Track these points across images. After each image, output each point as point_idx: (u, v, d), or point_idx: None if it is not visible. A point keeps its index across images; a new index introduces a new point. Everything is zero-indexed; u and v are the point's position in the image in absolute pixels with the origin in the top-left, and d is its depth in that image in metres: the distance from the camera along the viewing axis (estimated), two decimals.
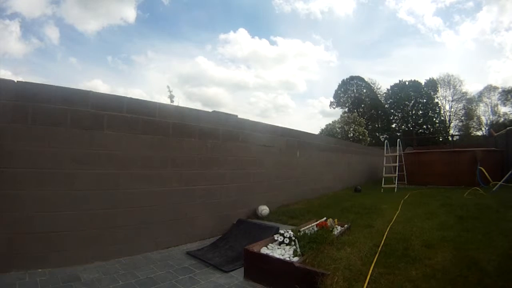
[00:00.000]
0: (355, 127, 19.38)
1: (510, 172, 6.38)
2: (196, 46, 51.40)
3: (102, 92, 2.78)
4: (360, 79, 37.26)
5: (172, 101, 4.81)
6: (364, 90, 37.10)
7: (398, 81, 36.10)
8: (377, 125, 36.07)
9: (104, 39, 40.46)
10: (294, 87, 50.97)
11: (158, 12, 42.66)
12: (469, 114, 31.50)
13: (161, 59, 47.30)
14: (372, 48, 49.14)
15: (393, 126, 36.13)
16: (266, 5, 46.98)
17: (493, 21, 42.73)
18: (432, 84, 34.37)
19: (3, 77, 2.28)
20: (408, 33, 45.24)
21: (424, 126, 34.18)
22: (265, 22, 50.63)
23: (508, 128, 9.06)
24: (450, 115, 33.63)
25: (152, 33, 46.54)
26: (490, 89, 30.62)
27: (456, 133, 31.38)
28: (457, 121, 32.98)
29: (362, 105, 36.18)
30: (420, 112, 34.47)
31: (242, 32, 49.86)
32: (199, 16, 45.25)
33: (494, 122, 28.58)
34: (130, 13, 48.14)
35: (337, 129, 20.48)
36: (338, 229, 3.10)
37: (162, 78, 42.88)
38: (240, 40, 49.70)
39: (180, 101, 5.21)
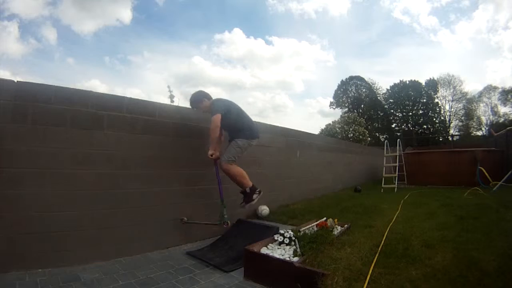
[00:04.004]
0: (355, 127, 19.40)
1: (510, 172, 6.38)
2: (192, 46, 51.66)
3: (101, 92, 2.79)
4: (360, 78, 37.28)
5: (172, 101, 4.82)
6: (364, 90, 37.10)
7: (397, 81, 36.19)
8: (377, 125, 36.08)
9: (101, 39, 40.67)
10: (292, 87, 51.20)
11: (153, 12, 42.99)
12: (469, 114, 31.51)
13: (158, 60, 47.55)
14: (369, 48, 49.40)
15: (393, 126, 36.16)
16: (260, 5, 47.22)
17: (489, 19, 42.92)
18: (432, 84, 34.39)
19: (2, 77, 2.28)
20: (405, 32, 45.58)
21: (424, 126, 34.23)
22: (259, 22, 50.97)
23: (508, 128, 9.05)
24: (450, 115, 33.67)
25: (148, 33, 46.89)
26: (490, 89, 30.67)
27: (456, 133, 31.41)
28: (457, 121, 33.07)
29: (362, 105, 36.18)
30: (420, 112, 34.50)
31: (237, 32, 50.21)
32: (194, 16, 45.61)
33: (494, 122, 28.59)
34: (126, 14, 48.49)
35: (337, 129, 20.50)
36: (338, 229, 3.10)
37: (160, 78, 43.11)
38: (235, 40, 49.94)
39: (179, 101, 5.22)
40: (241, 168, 2.89)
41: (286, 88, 55.04)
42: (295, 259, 2.19)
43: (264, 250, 2.40)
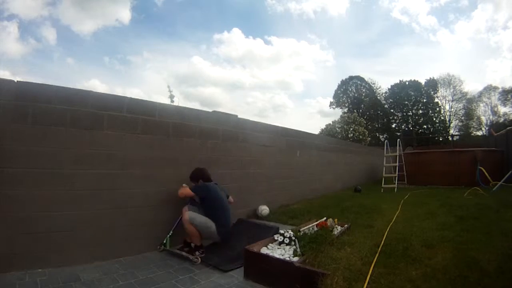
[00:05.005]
0: (355, 127, 19.43)
1: (510, 172, 6.37)
2: (191, 46, 51.80)
3: (101, 92, 2.79)
4: (360, 78, 37.23)
5: (172, 101, 4.80)
6: (364, 90, 37.07)
7: (397, 81, 36.14)
8: (377, 125, 36.04)
9: (101, 39, 40.71)
10: (291, 87, 51.15)
11: (152, 12, 43.16)
12: (469, 114, 31.49)
13: (157, 60, 47.63)
14: (369, 48, 49.33)
15: (393, 126, 36.11)
16: (259, 5, 47.31)
17: (488, 19, 42.91)
18: (432, 84, 34.34)
19: (2, 77, 2.27)
20: (404, 32, 45.58)
21: (424, 126, 34.17)
22: (258, 22, 51.03)
23: (508, 128, 9.05)
24: (450, 115, 33.65)
25: (148, 33, 47.03)
26: (490, 89, 30.62)
27: (456, 133, 31.37)
28: (457, 121, 33.02)
29: (362, 105, 36.16)
30: (420, 112, 34.46)
31: (236, 32, 50.31)
32: (193, 16, 45.73)
33: (494, 122, 28.56)
34: (125, 14, 48.58)
35: (337, 129, 20.53)
36: (338, 229, 3.10)
37: (159, 78, 43.15)
38: (234, 40, 49.96)
39: (179, 101, 5.20)
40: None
41: (286, 88, 55.10)
42: (295, 259, 2.19)
43: (264, 250, 2.40)
